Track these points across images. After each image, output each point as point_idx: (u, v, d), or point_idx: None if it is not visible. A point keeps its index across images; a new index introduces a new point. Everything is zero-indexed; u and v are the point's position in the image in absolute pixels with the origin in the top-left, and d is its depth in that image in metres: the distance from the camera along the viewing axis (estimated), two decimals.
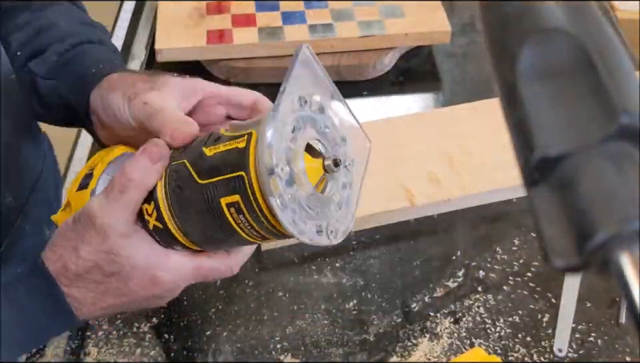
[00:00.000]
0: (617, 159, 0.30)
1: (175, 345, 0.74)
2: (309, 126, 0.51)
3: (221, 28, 1.06)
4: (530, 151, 0.32)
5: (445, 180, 0.87)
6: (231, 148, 0.49)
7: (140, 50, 1.11)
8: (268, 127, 0.47)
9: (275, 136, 0.47)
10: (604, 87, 0.31)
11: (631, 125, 0.30)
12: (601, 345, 0.74)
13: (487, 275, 0.81)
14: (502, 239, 0.85)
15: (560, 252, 0.30)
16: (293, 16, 1.08)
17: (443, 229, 0.86)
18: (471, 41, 1.16)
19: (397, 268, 0.81)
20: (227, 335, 0.75)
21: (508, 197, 0.88)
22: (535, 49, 0.33)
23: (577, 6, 0.34)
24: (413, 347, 0.74)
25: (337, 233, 0.51)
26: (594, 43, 0.32)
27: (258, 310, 0.77)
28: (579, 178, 0.31)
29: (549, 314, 0.77)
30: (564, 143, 0.31)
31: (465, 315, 0.77)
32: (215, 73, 1.08)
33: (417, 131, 0.93)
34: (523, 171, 0.33)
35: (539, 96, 0.32)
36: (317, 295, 0.79)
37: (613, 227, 0.29)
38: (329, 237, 0.50)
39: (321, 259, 0.82)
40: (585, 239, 0.29)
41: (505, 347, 0.74)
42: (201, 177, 0.50)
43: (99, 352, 0.73)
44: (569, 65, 0.32)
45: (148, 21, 1.17)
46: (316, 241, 0.49)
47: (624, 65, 0.32)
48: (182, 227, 0.52)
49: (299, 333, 0.75)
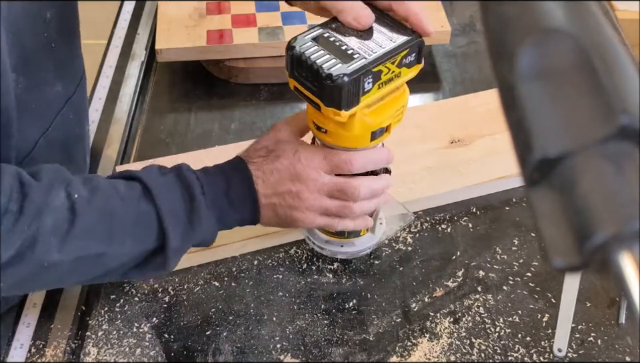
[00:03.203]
0: (616, 159, 0.30)
1: (174, 345, 0.74)
2: None
3: (220, 28, 1.06)
4: (529, 151, 0.32)
5: (443, 172, 0.88)
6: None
7: (140, 50, 1.11)
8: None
9: None
10: (604, 87, 0.31)
11: (630, 125, 0.30)
12: (601, 345, 0.74)
13: (487, 275, 0.81)
14: (502, 239, 0.85)
15: (560, 252, 0.30)
16: (293, 16, 1.08)
17: (443, 229, 0.86)
18: (471, 41, 1.16)
19: (397, 268, 0.81)
20: (227, 335, 0.75)
21: (509, 187, 0.89)
22: (534, 49, 0.33)
23: (577, 6, 0.34)
24: (412, 347, 0.74)
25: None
26: (594, 43, 0.32)
27: (258, 310, 0.77)
28: (578, 178, 0.31)
29: (549, 314, 0.77)
30: (564, 143, 0.31)
31: (465, 315, 0.77)
32: (215, 73, 1.08)
33: (414, 123, 0.93)
34: (523, 171, 0.33)
35: (538, 96, 0.33)
36: (316, 295, 0.79)
37: (613, 227, 0.29)
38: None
39: (321, 259, 0.82)
40: (584, 239, 0.29)
41: (504, 347, 0.74)
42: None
43: (98, 352, 0.73)
44: (569, 65, 0.32)
45: (148, 21, 1.17)
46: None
47: (624, 65, 0.32)
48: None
49: (298, 333, 0.75)
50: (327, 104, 0.62)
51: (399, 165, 0.88)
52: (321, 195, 0.69)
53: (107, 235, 0.63)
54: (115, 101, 1.02)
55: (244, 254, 0.82)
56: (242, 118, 1.02)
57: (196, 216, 0.66)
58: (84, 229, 0.61)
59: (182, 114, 1.03)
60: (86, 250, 0.62)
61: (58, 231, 0.60)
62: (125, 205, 0.64)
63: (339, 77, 0.60)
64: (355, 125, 0.65)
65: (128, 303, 0.77)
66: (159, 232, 0.65)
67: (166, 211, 0.64)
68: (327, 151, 0.69)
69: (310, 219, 0.71)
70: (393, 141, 0.71)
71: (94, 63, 1.10)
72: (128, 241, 0.64)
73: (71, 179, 0.63)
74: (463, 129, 0.94)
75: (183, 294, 0.79)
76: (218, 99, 1.05)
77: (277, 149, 0.70)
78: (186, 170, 0.68)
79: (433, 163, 0.89)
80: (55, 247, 0.60)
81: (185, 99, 1.05)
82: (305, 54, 0.62)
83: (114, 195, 0.64)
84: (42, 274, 0.62)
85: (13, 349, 0.73)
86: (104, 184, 0.65)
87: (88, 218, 0.62)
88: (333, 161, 0.68)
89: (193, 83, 1.08)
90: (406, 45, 0.64)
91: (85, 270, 0.65)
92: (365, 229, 0.79)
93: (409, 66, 0.66)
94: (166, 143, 0.98)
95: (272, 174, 0.68)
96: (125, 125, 0.99)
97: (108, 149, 0.95)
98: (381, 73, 0.63)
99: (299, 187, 0.68)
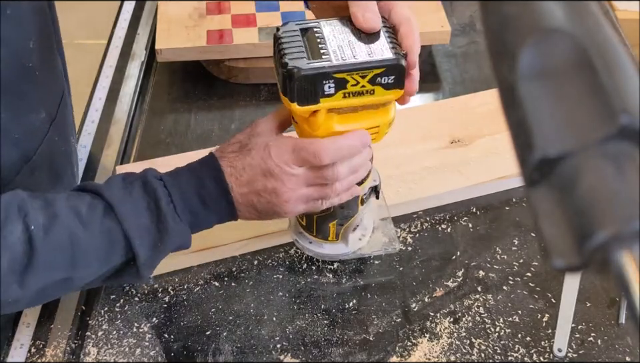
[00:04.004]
0: (616, 159, 0.30)
1: (174, 345, 0.74)
2: None
3: (220, 28, 1.06)
4: (530, 151, 0.32)
5: (443, 172, 0.88)
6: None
7: (140, 50, 1.11)
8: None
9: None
10: (604, 87, 0.31)
11: (630, 125, 0.30)
12: (601, 345, 0.74)
13: (487, 275, 0.81)
14: (502, 239, 0.85)
15: (560, 252, 0.30)
16: (293, 16, 1.08)
17: (443, 229, 0.86)
18: (471, 41, 1.16)
19: (397, 268, 0.81)
20: (227, 335, 0.75)
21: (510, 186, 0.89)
22: (534, 49, 0.33)
23: (577, 6, 0.34)
24: (412, 347, 0.74)
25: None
26: (594, 43, 0.32)
27: (258, 310, 0.77)
28: (578, 178, 0.31)
29: (549, 314, 0.77)
30: (564, 143, 0.31)
31: (465, 315, 0.77)
32: (215, 73, 1.08)
33: (415, 123, 0.93)
34: (523, 171, 0.33)
35: (539, 96, 0.33)
36: (316, 295, 0.79)
37: (613, 227, 0.29)
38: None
39: (321, 259, 0.82)
40: (584, 239, 0.29)
41: (504, 347, 0.74)
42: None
43: (98, 352, 0.73)
44: (569, 64, 0.32)
45: (148, 21, 1.17)
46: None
47: (624, 65, 0.32)
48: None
49: (298, 333, 0.75)
50: (282, 91, 0.64)
51: (398, 165, 0.88)
52: (299, 186, 0.67)
53: (70, 262, 0.61)
54: (115, 101, 1.02)
55: (244, 254, 0.82)
56: (242, 118, 1.02)
57: (164, 227, 0.64)
58: (44, 262, 0.59)
59: (182, 114, 1.03)
60: (49, 280, 0.61)
61: (16, 267, 0.58)
62: (86, 229, 0.62)
63: (292, 69, 0.61)
64: (318, 124, 0.65)
65: (128, 303, 0.77)
66: (126, 247, 0.63)
67: (131, 227, 0.63)
68: (296, 142, 0.66)
69: (291, 209, 0.68)
70: (393, 141, 0.71)
71: (94, 63, 1.10)
72: (93, 263, 0.63)
73: (28, 209, 0.60)
74: (463, 129, 0.94)
75: (182, 294, 0.79)
76: (218, 99, 1.05)
77: (250, 143, 0.67)
78: (152, 178, 0.66)
79: (432, 163, 0.89)
80: (15, 283, 0.59)
81: (184, 99, 1.05)
82: (282, 39, 0.63)
83: (74, 220, 0.62)
84: (5, 309, 0.61)
85: (13, 349, 0.73)
86: (64, 209, 0.62)
87: (47, 250, 0.59)
88: (301, 154, 0.65)
89: (192, 83, 1.08)
90: (380, 63, 0.62)
91: (52, 294, 0.64)
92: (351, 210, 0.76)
93: (386, 87, 0.64)
94: (166, 143, 0.98)
95: (244, 171, 0.66)
96: (124, 125, 0.99)
97: (108, 149, 0.95)
98: (346, 83, 0.62)
99: (274, 183, 0.66)
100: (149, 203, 0.64)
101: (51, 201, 0.62)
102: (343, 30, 0.65)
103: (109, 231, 0.63)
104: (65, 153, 0.81)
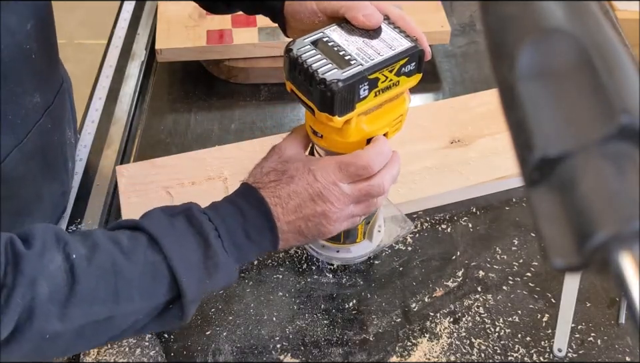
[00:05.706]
0: (617, 159, 0.30)
1: (174, 345, 0.74)
2: None
3: (220, 28, 1.06)
4: (530, 151, 0.32)
5: (443, 172, 0.88)
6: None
7: (140, 50, 1.11)
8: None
9: None
10: (604, 87, 0.31)
11: (630, 125, 0.30)
12: (601, 345, 0.74)
13: (487, 275, 0.81)
14: (502, 239, 0.85)
15: (560, 252, 0.30)
16: None
17: (443, 229, 0.86)
18: (471, 41, 1.16)
19: (397, 268, 0.81)
20: (227, 335, 0.75)
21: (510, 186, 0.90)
22: (534, 48, 0.33)
23: (577, 6, 0.34)
24: (412, 347, 0.74)
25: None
26: (594, 43, 0.32)
27: (258, 310, 0.77)
28: (578, 178, 0.31)
29: (549, 314, 0.77)
30: (564, 143, 0.31)
31: (465, 315, 0.77)
32: (215, 73, 1.08)
33: (415, 123, 0.93)
34: (523, 171, 0.33)
35: (538, 96, 0.33)
36: (316, 295, 0.79)
37: (613, 227, 0.29)
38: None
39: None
40: (584, 239, 0.29)
41: (504, 347, 0.74)
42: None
43: (98, 352, 0.73)
44: (569, 64, 0.32)
45: (148, 21, 1.17)
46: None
47: (624, 65, 0.32)
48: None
49: (298, 333, 0.75)
50: (321, 109, 0.62)
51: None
52: (347, 205, 0.66)
53: (112, 294, 0.58)
54: (114, 101, 1.02)
55: None
56: (242, 118, 1.02)
57: (212, 262, 0.61)
58: (86, 293, 0.56)
59: (182, 114, 1.03)
60: (91, 316, 0.57)
61: (56, 297, 0.55)
62: (129, 260, 0.59)
63: (333, 82, 0.59)
64: (350, 131, 0.65)
65: None
66: (172, 283, 0.60)
67: (178, 261, 0.60)
68: (339, 160, 0.65)
69: (337, 229, 0.67)
70: (393, 141, 0.71)
71: (94, 63, 1.10)
72: (136, 297, 0.59)
73: (68, 239, 0.58)
74: (463, 129, 0.94)
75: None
76: (218, 99, 1.05)
77: (288, 169, 0.66)
78: (196, 211, 0.63)
79: (432, 163, 0.89)
80: (55, 316, 0.55)
81: (184, 99, 1.05)
82: (302, 57, 0.62)
83: (116, 250, 0.59)
84: (45, 347, 0.56)
85: None
86: (103, 239, 0.59)
87: (90, 279, 0.57)
88: (350, 170, 0.64)
89: (192, 83, 1.08)
90: (405, 53, 0.63)
91: (93, 335, 0.59)
92: (362, 235, 0.78)
93: (408, 75, 0.65)
94: (166, 143, 0.98)
95: (290, 198, 0.64)
96: (124, 125, 0.99)
97: (108, 149, 0.95)
98: (377, 81, 0.62)
99: (323, 206, 0.65)
100: (197, 238, 0.61)
101: (87, 234, 0.60)
102: (349, 33, 0.65)
103: (153, 263, 0.59)
104: (59, 143, 0.80)
